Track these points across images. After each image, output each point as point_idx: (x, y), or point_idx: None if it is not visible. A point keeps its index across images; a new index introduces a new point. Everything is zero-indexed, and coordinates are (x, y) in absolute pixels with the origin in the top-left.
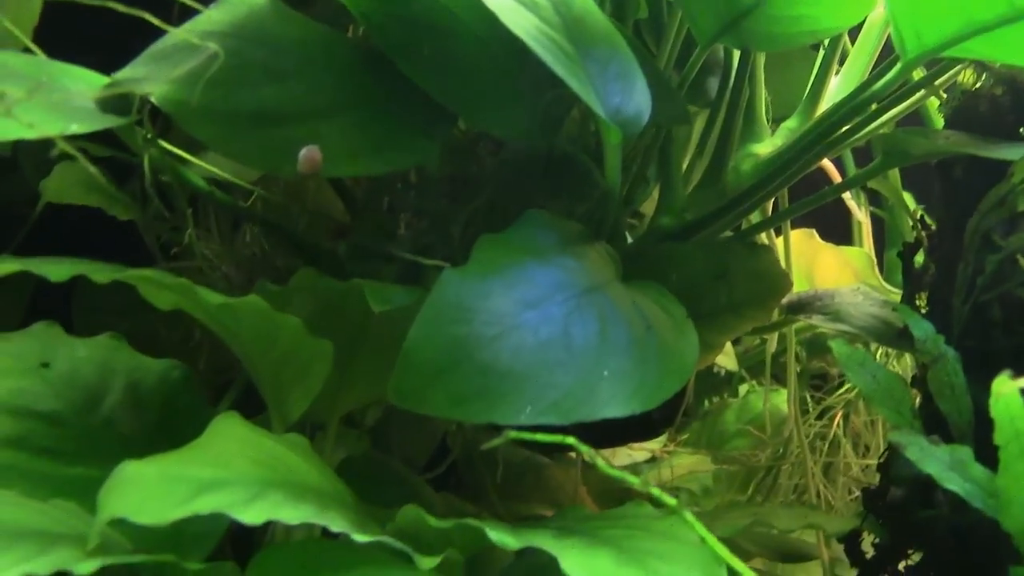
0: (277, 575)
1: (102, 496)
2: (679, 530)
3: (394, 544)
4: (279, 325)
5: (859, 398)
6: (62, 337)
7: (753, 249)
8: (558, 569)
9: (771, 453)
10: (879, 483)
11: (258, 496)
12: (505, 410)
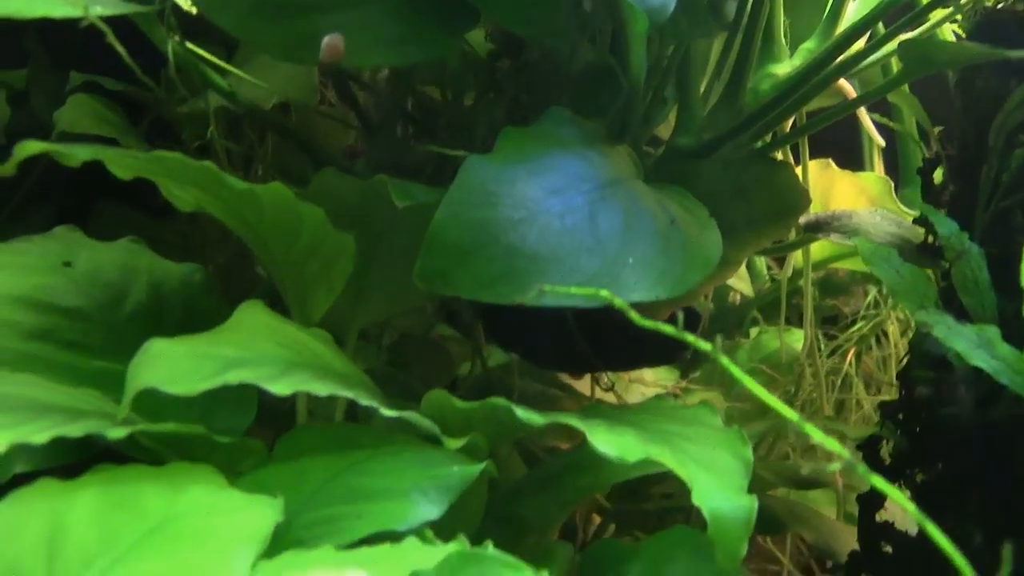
0: (304, 451)
1: (131, 369)
2: (704, 415)
3: (421, 421)
4: (302, 216)
5: (872, 335)
6: (84, 239)
7: (772, 165)
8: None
9: (784, 392)
10: (898, 395)
11: (286, 373)
12: (532, 292)
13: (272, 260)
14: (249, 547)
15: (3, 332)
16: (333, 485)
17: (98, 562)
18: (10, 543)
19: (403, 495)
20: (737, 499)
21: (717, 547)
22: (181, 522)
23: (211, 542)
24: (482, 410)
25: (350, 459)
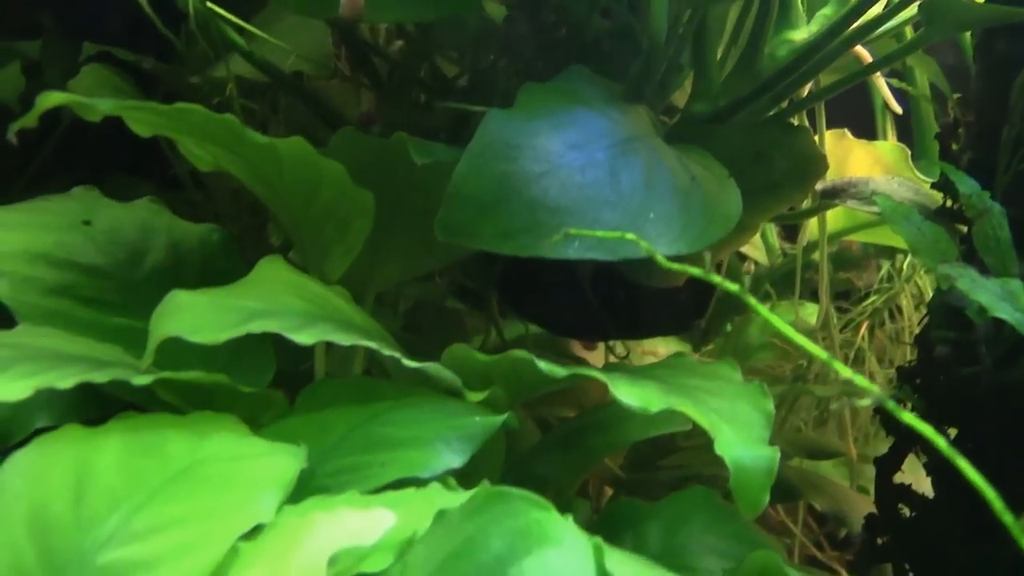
0: (326, 404)
1: (155, 319)
2: (724, 371)
3: (442, 372)
4: (321, 172)
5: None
6: (102, 199)
7: (790, 129)
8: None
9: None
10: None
11: (308, 324)
12: (553, 245)
13: (290, 220)
14: (274, 491)
15: (24, 288)
16: (356, 435)
17: (124, 505)
18: (37, 485)
19: (426, 444)
20: (759, 450)
21: (739, 497)
22: (206, 467)
23: (236, 486)
24: (503, 363)
25: (372, 410)
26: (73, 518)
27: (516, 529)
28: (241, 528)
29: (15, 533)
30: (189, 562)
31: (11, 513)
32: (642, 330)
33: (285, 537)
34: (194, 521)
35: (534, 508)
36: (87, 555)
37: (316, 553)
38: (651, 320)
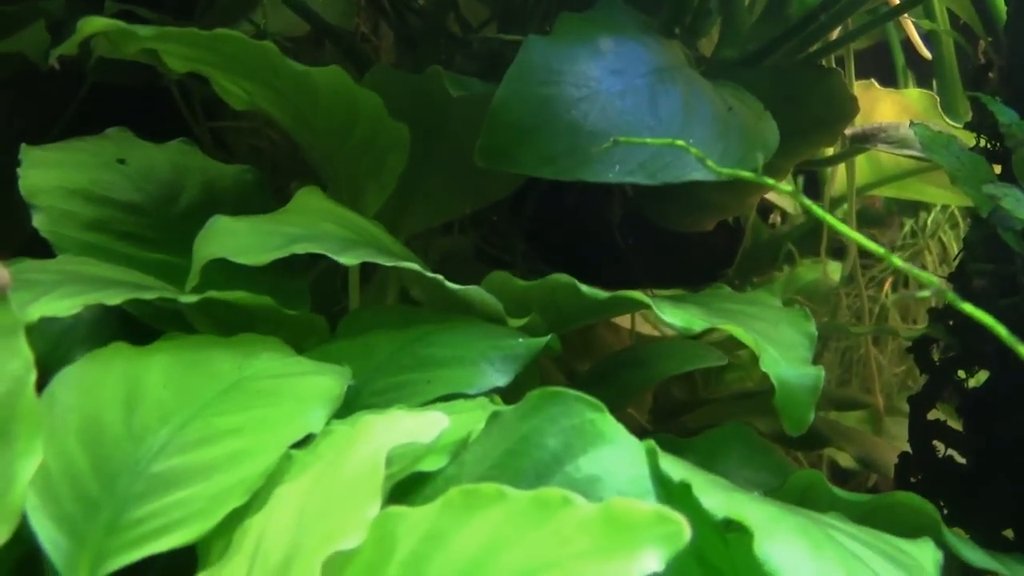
0: (368, 329)
1: (198, 242)
2: (765, 298)
3: (484, 296)
4: (358, 103)
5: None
6: (136, 140)
7: (821, 72)
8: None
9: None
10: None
11: (350, 247)
12: (593, 168)
13: (324, 157)
14: (323, 405)
15: (62, 222)
16: (400, 355)
17: (175, 418)
18: (88, 398)
19: (471, 363)
20: (803, 368)
21: (784, 414)
22: (253, 383)
23: (285, 400)
24: (543, 287)
25: (415, 333)
26: (125, 429)
27: (571, 428)
28: (293, 437)
29: (68, 443)
30: (243, 469)
31: (63, 424)
32: (671, 278)
33: (340, 441)
34: (245, 432)
35: (588, 408)
36: (140, 464)
37: (373, 451)
38: (680, 268)
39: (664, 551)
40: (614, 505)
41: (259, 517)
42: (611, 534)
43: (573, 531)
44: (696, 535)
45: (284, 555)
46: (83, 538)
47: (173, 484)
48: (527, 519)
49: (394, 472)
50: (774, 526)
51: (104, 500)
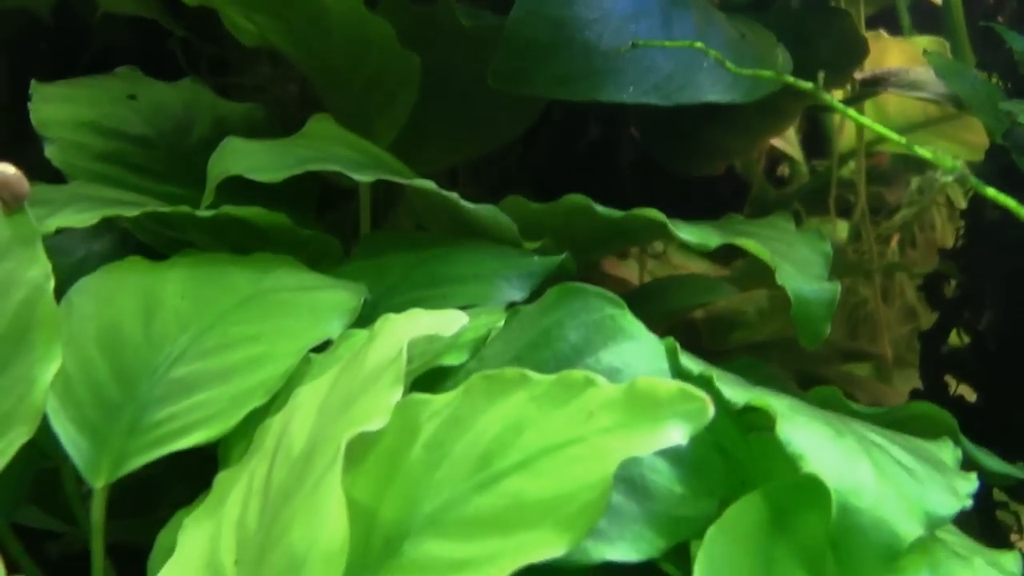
0: (382, 251)
1: (213, 161)
2: (779, 222)
3: (499, 215)
4: (370, 33)
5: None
6: (145, 78)
7: (831, 14)
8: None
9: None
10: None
11: (363, 168)
12: (608, 89)
13: (335, 90)
14: (340, 316)
15: (74, 152)
16: (415, 274)
17: (193, 327)
18: (106, 307)
19: (487, 279)
20: (819, 283)
21: (800, 328)
22: (270, 296)
23: (302, 311)
24: (558, 208)
25: (430, 253)
26: (143, 337)
27: (592, 323)
28: (311, 342)
29: (87, 349)
30: (262, 372)
31: (82, 332)
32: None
33: (359, 342)
34: (264, 339)
35: (609, 304)
36: (159, 370)
37: (395, 340)
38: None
39: (688, 427)
40: (638, 384)
41: (280, 417)
42: (635, 410)
43: (597, 409)
44: (716, 428)
45: (306, 446)
46: (104, 440)
47: (193, 388)
48: (550, 400)
49: (415, 368)
50: (795, 414)
51: (124, 404)
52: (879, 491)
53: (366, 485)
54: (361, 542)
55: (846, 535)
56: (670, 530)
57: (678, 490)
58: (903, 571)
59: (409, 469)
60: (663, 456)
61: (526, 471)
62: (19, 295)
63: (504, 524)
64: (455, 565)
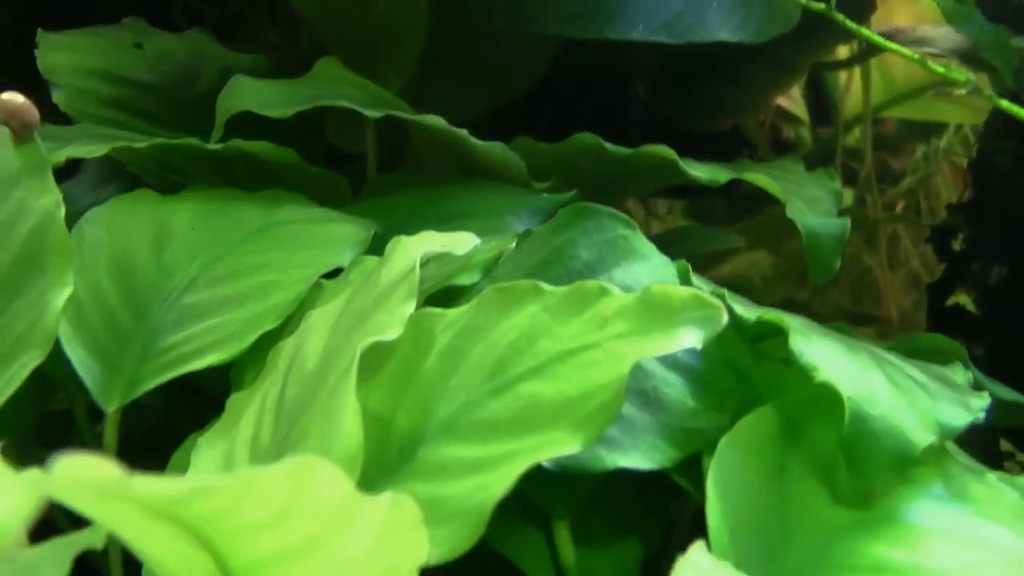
0: (390, 192)
1: (222, 98)
2: (789, 164)
3: (508, 153)
4: None
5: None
6: (152, 29)
7: None
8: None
9: None
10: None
11: (372, 105)
12: (617, 26)
13: (340, 38)
14: (351, 247)
15: (82, 98)
16: (426, 211)
17: (204, 256)
18: (117, 236)
19: (496, 214)
20: (829, 219)
21: (810, 263)
22: (281, 228)
23: (313, 242)
24: (567, 148)
25: (439, 192)
26: (155, 265)
27: (604, 242)
28: (322, 269)
29: (98, 277)
30: (274, 297)
31: (93, 260)
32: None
33: (371, 267)
34: (275, 267)
35: (621, 224)
36: (171, 297)
37: (408, 257)
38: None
39: (702, 332)
40: (652, 291)
41: (292, 339)
42: (649, 316)
43: (611, 316)
44: (728, 346)
45: (320, 362)
46: (116, 365)
47: (205, 313)
48: (564, 309)
49: (427, 288)
50: (808, 330)
51: (136, 329)
52: (892, 401)
53: (381, 396)
54: (376, 449)
55: (859, 442)
56: (683, 442)
57: (690, 404)
58: (917, 482)
59: (423, 378)
60: (675, 371)
61: (541, 375)
62: (31, 222)
63: (519, 426)
64: (471, 465)
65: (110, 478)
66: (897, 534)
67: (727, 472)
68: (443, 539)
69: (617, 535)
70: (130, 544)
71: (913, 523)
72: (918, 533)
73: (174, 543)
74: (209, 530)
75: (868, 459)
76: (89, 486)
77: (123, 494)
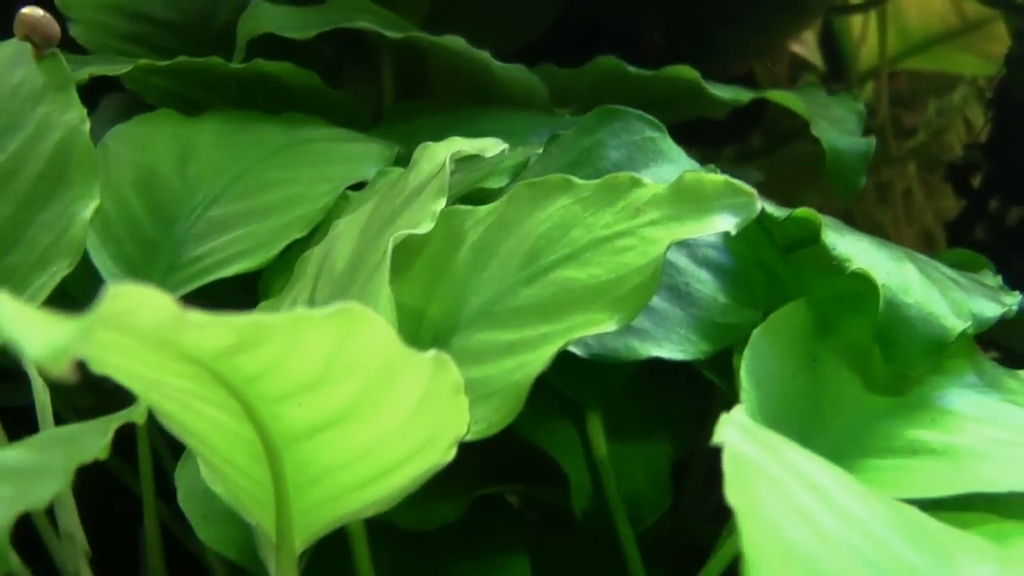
0: (409, 118)
1: (243, 21)
2: (811, 89)
3: (529, 76)
4: None
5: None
6: None
7: None
8: None
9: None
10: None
11: (393, 28)
12: None
13: None
14: (374, 163)
15: (100, 32)
16: (447, 133)
17: (228, 172)
18: (142, 152)
19: (519, 135)
20: (853, 139)
21: (834, 180)
22: (304, 146)
23: (336, 159)
24: (589, 71)
25: (461, 115)
26: (180, 181)
27: (632, 143)
28: (348, 182)
29: (124, 191)
30: (300, 208)
31: (119, 175)
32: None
33: (395, 176)
34: (300, 181)
35: (649, 126)
36: (197, 210)
37: (438, 159)
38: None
39: (735, 218)
40: (684, 179)
41: (320, 247)
42: (682, 204)
43: (644, 205)
44: (757, 245)
45: (349, 262)
46: (144, 276)
47: (231, 225)
48: (596, 200)
49: (455, 193)
50: (840, 227)
51: (162, 242)
52: (925, 290)
53: (412, 290)
54: (409, 340)
55: (894, 328)
56: (714, 336)
57: (721, 299)
58: (950, 372)
59: (455, 272)
60: (706, 267)
61: (574, 262)
62: (56, 136)
63: (554, 309)
64: (506, 348)
65: (166, 310)
66: (931, 418)
67: (760, 361)
68: (481, 416)
69: (648, 431)
70: (172, 421)
71: (947, 408)
72: (952, 417)
73: (217, 413)
74: (253, 393)
75: (903, 344)
76: (143, 318)
77: (178, 328)
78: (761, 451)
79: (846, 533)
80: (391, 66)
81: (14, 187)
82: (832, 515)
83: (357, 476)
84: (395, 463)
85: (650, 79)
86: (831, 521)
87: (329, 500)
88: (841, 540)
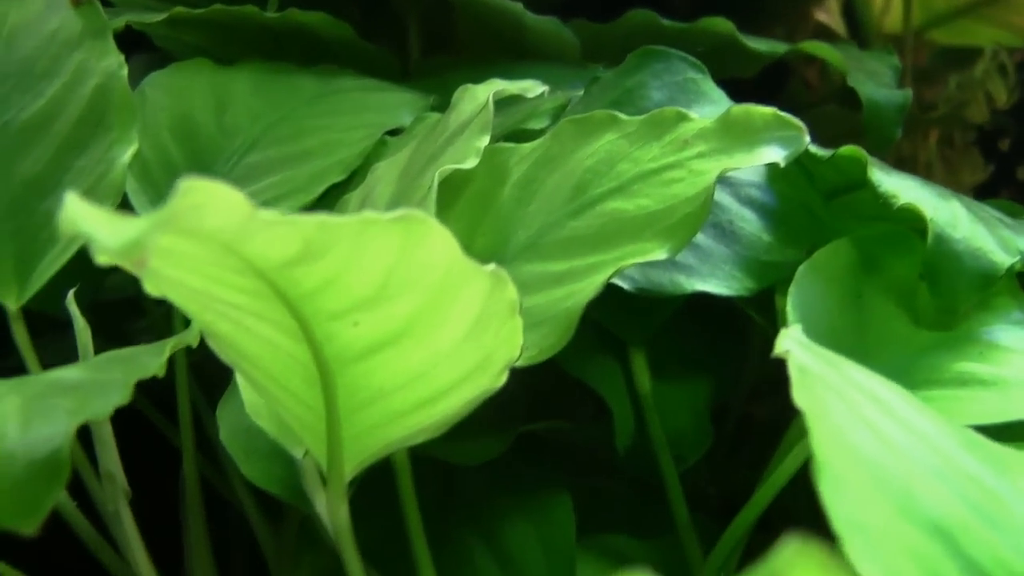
0: (440, 72)
1: None
2: (847, 46)
3: (561, 29)
4: None
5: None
6: None
7: None
8: None
9: None
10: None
11: None
12: None
13: None
14: (410, 111)
15: None
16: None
17: (264, 119)
18: (179, 99)
19: (555, 84)
20: (889, 91)
21: (871, 132)
22: (338, 96)
23: (372, 106)
24: (622, 25)
25: (493, 70)
26: (216, 127)
27: (675, 84)
28: (384, 128)
29: (161, 137)
30: (338, 153)
31: (156, 121)
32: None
33: (433, 120)
34: (337, 128)
35: (691, 68)
36: (234, 156)
37: (477, 102)
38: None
39: (784, 151)
40: (732, 112)
41: (359, 190)
42: (730, 136)
43: (692, 138)
44: (801, 187)
45: (390, 204)
46: None
47: (269, 171)
48: (643, 135)
49: (497, 134)
50: (884, 166)
51: None
52: (972, 226)
53: (458, 225)
54: None
55: (942, 262)
56: (759, 273)
57: (766, 238)
58: (996, 308)
59: (500, 206)
60: (750, 207)
61: (622, 194)
62: (93, 82)
63: (603, 240)
64: (555, 279)
65: (239, 206)
66: (979, 351)
67: (806, 298)
68: (531, 343)
69: (690, 371)
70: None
71: (994, 342)
72: (999, 351)
73: (273, 332)
74: (311, 310)
75: (951, 279)
76: (215, 214)
77: (249, 227)
78: (822, 364)
79: (910, 442)
80: (417, 23)
81: (52, 132)
82: (896, 425)
83: (409, 400)
84: (447, 386)
85: (684, 31)
86: (895, 430)
87: (380, 425)
88: (905, 448)
